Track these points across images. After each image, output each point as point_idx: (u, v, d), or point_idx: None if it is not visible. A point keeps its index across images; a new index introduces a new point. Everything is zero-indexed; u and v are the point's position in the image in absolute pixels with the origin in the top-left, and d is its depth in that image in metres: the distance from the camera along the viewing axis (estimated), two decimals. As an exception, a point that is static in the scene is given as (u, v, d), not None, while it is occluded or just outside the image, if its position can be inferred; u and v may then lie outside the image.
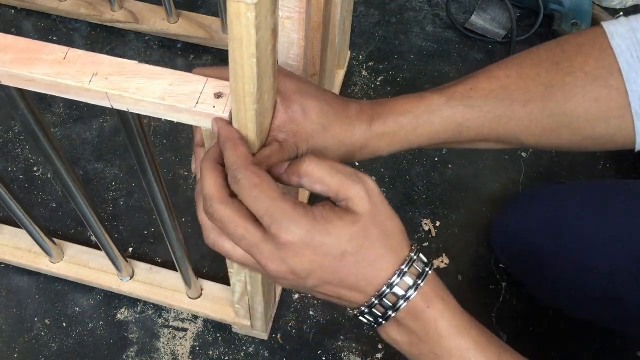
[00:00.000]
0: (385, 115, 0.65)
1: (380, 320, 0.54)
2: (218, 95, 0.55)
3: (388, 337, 0.56)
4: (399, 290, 0.52)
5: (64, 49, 0.56)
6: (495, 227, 1.11)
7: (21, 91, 0.62)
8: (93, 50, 1.39)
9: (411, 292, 0.52)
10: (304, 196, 1.20)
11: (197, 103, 0.54)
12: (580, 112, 0.66)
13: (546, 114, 0.66)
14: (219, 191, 0.51)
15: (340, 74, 1.39)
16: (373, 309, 0.53)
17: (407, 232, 0.57)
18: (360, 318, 0.55)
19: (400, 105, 0.66)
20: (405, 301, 0.52)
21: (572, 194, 1.01)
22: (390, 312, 0.53)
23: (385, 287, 0.52)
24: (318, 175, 0.52)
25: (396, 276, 0.52)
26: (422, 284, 0.52)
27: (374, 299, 0.52)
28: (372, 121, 0.64)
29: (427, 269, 0.53)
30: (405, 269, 0.52)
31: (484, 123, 0.67)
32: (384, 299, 0.52)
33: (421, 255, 0.54)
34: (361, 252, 0.51)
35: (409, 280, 0.52)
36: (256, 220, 0.50)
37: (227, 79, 0.53)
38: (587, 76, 0.65)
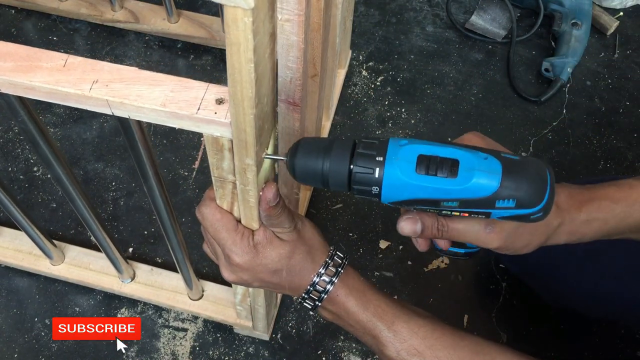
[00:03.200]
0: (596, 201, 0.69)
1: (313, 306, 0.72)
2: (219, 101, 0.54)
3: (323, 317, 0.74)
4: (319, 288, 0.70)
5: (64, 56, 0.56)
6: None
7: (21, 98, 0.61)
8: (93, 50, 1.41)
9: (328, 286, 0.70)
10: (304, 197, 1.21)
11: (198, 109, 0.54)
12: None
13: None
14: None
15: (341, 74, 1.38)
16: (307, 301, 0.71)
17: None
18: (303, 304, 0.72)
19: (612, 193, 0.70)
20: (324, 294, 0.70)
21: None
22: (317, 302, 0.71)
23: (309, 287, 0.70)
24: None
25: (316, 277, 0.70)
26: (335, 280, 0.70)
27: (304, 294, 0.71)
28: (582, 207, 0.69)
29: (340, 269, 0.70)
30: (322, 271, 0.70)
31: None
32: (310, 294, 0.70)
33: (336, 256, 0.71)
34: (288, 267, 0.69)
35: (326, 279, 0.70)
36: None
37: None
38: None
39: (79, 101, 0.55)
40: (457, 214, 0.60)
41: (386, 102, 1.38)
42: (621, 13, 1.52)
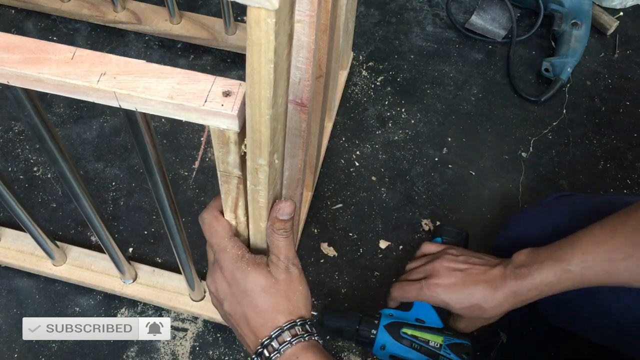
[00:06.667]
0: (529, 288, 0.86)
1: None
2: (226, 94, 0.54)
3: None
4: (275, 344, 0.67)
5: (72, 48, 0.56)
6: (498, 245, 1.07)
7: (27, 92, 0.61)
8: (93, 50, 1.40)
9: (285, 346, 0.66)
10: (306, 198, 1.21)
11: (205, 101, 0.54)
12: None
13: None
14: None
15: (343, 75, 1.38)
16: (260, 356, 0.68)
17: (407, 232, 0.64)
18: None
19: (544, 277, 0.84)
20: (277, 353, 0.66)
21: (579, 212, 0.96)
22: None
23: (266, 339, 0.67)
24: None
25: (277, 330, 0.67)
26: (294, 342, 0.66)
27: (259, 347, 0.67)
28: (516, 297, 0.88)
29: (306, 336, 0.67)
30: (286, 326, 0.67)
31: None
32: (264, 350, 0.67)
33: (308, 324, 0.68)
34: (258, 299, 0.67)
35: (286, 337, 0.67)
36: None
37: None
38: None
39: (87, 93, 0.55)
40: None
41: (386, 102, 1.38)
42: (621, 13, 1.53)
